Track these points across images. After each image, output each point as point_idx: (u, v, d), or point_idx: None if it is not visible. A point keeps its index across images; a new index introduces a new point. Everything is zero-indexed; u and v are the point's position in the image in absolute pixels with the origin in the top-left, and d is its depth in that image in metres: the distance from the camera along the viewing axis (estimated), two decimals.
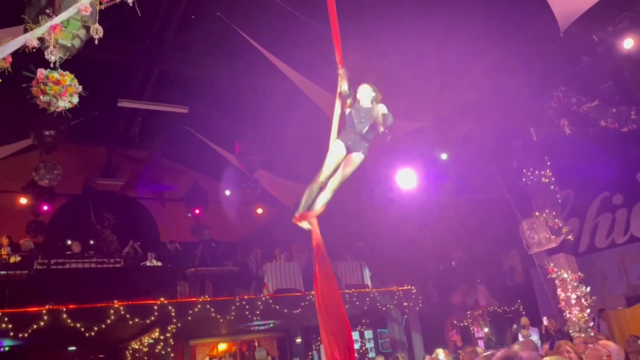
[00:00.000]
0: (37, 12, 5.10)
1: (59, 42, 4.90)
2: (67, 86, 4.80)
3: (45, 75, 4.73)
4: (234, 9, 9.02)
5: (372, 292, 12.10)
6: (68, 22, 4.89)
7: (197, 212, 15.60)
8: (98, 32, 4.43)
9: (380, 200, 12.43)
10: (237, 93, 11.57)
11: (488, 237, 13.66)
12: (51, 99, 4.78)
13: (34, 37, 4.29)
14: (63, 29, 4.71)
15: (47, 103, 4.79)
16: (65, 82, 4.82)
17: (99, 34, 4.45)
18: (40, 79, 4.74)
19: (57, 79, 4.80)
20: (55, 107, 4.83)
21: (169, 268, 11.50)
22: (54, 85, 4.76)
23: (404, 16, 8.86)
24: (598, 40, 8.51)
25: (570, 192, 12.69)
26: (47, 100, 4.77)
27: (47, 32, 4.37)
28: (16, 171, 12.83)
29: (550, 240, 10.13)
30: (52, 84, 4.76)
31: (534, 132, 10.69)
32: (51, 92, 4.74)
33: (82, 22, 5.01)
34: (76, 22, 5.01)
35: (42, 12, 4.92)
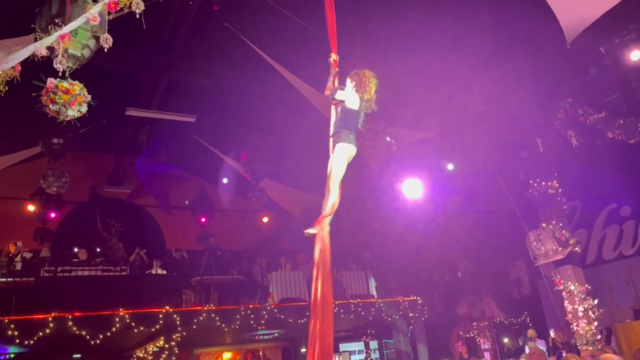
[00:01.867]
0: (47, 21, 5.18)
1: (69, 52, 4.97)
2: (76, 95, 4.86)
3: (55, 85, 4.78)
4: (241, 19, 9.09)
5: (378, 302, 12.04)
6: (77, 32, 4.95)
7: (203, 221, 15.63)
8: (108, 41, 4.49)
9: (387, 210, 12.42)
10: (244, 102, 11.62)
11: (494, 248, 13.59)
12: (60, 108, 4.83)
13: (43, 46, 4.35)
14: (72, 39, 4.77)
15: (56, 112, 4.84)
16: (75, 92, 4.87)
17: (109, 43, 4.50)
18: (50, 88, 4.79)
19: (67, 88, 4.85)
20: (65, 116, 4.88)
21: (175, 276, 11.51)
22: (64, 94, 4.81)
23: (411, 26, 8.89)
24: (605, 52, 8.51)
25: (577, 204, 12.63)
26: (56, 109, 4.82)
27: (57, 42, 4.42)
28: (24, 178, 12.90)
29: (557, 252, 10.07)
30: (61, 93, 4.81)
31: (540, 143, 10.66)
32: (60, 101, 4.79)
33: (92, 32, 5.08)
34: (86, 32, 5.08)
35: (52, 21, 4.99)
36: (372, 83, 4.61)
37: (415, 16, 8.76)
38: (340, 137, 4.47)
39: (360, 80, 4.63)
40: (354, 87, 4.64)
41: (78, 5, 5.15)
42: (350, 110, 4.55)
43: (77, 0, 5.17)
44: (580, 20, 7.40)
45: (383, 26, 8.93)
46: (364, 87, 4.58)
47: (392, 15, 8.81)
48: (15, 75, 4.37)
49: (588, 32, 7.67)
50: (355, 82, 4.65)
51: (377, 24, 8.80)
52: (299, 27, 8.66)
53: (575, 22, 7.41)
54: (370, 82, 4.60)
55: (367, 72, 4.67)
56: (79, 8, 5.15)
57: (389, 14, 8.77)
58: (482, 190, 11.93)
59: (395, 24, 8.94)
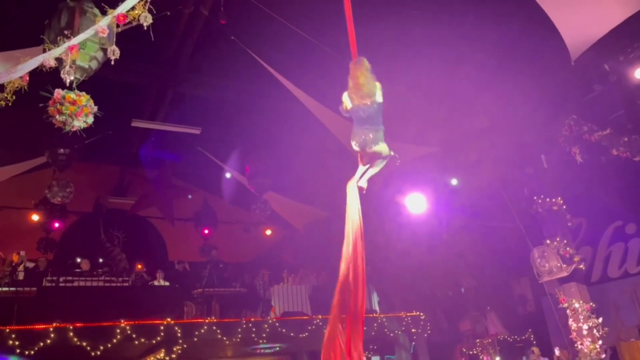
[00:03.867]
0: (56, 33, 5.26)
1: (77, 64, 5.04)
2: (82, 106, 4.92)
3: (62, 96, 4.85)
4: (247, 33, 9.18)
5: (380, 317, 11.96)
6: (85, 44, 5.03)
7: (205, 232, 15.63)
8: (115, 53, 4.54)
9: (391, 224, 12.39)
10: (249, 115, 11.69)
11: (498, 264, 13.51)
12: (67, 119, 4.89)
13: (52, 57, 4.41)
14: (81, 51, 4.84)
15: (62, 122, 4.90)
16: (81, 103, 4.93)
17: (116, 55, 4.56)
18: (57, 99, 4.85)
19: (74, 99, 4.91)
20: (71, 127, 4.94)
21: (177, 288, 11.48)
22: (70, 105, 4.87)
23: (415, 42, 8.95)
24: (610, 69, 8.53)
25: (582, 221, 12.56)
26: (62, 120, 4.88)
27: (65, 53, 4.49)
28: (29, 188, 12.97)
29: (561, 269, 9.99)
30: (68, 104, 4.87)
31: (544, 159, 10.65)
32: (67, 112, 4.85)
33: (100, 44, 5.15)
34: (94, 44, 5.16)
35: (61, 33, 5.07)
36: (360, 73, 4.46)
37: (419, 31, 8.82)
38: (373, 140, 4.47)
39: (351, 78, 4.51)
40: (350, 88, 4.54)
41: (87, 17, 5.23)
42: (356, 110, 4.47)
43: (86, 12, 5.25)
44: (584, 38, 7.44)
45: (387, 41, 8.98)
46: (355, 81, 4.45)
47: (396, 31, 8.87)
48: (24, 85, 4.43)
49: (592, 50, 7.70)
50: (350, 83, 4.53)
51: (381, 38, 8.85)
52: (304, 41, 8.74)
53: (579, 40, 7.45)
54: (358, 74, 4.46)
55: (351, 66, 4.54)
56: (87, 20, 5.24)
57: (393, 29, 8.83)
58: (486, 206, 11.89)
59: (399, 39, 9.00)
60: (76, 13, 5.28)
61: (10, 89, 4.36)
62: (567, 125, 9.58)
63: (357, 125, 4.48)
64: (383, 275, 13.19)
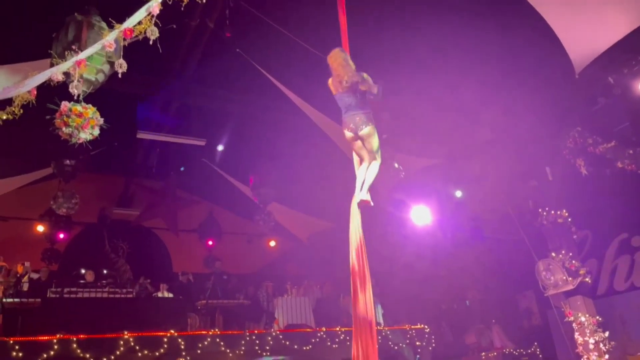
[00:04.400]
0: (63, 47, 5.32)
1: (84, 77, 5.08)
2: (89, 119, 4.95)
3: (68, 108, 4.88)
4: (252, 45, 9.25)
5: (385, 330, 11.89)
6: (92, 57, 5.08)
7: (209, 244, 15.63)
8: (122, 67, 4.58)
9: (395, 236, 12.36)
10: (254, 126, 11.74)
11: (504, 277, 13.43)
12: (73, 131, 4.92)
13: (60, 72, 4.45)
14: (88, 64, 4.88)
15: (69, 135, 4.94)
16: (88, 115, 4.97)
17: (123, 68, 4.60)
18: (64, 111, 4.89)
19: (80, 111, 4.95)
20: (77, 139, 4.97)
21: (180, 300, 11.45)
22: (77, 117, 4.91)
23: (419, 54, 8.99)
24: (614, 82, 8.54)
25: (588, 233, 12.49)
26: (69, 132, 4.92)
27: (72, 67, 4.53)
28: (34, 199, 13.02)
29: (567, 282, 9.93)
30: (74, 116, 4.91)
31: (549, 171, 10.63)
32: (74, 124, 4.89)
33: (107, 58, 5.21)
34: (100, 58, 5.21)
35: (69, 47, 5.12)
36: (336, 63, 4.85)
37: (424, 44, 8.87)
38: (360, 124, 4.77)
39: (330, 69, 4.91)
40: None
41: (94, 31, 5.29)
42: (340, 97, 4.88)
43: (93, 26, 5.31)
44: (588, 51, 7.47)
45: (391, 54, 9.04)
46: (334, 72, 4.86)
47: (401, 43, 8.92)
48: (31, 99, 4.47)
49: (597, 63, 7.72)
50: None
51: (385, 51, 8.91)
52: (308, 54, 8.79)
53: (583, 53, 7.47)
54: (335, 64, 4.86)
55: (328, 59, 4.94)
56: (94, 34, 5.30)
57: (397, 41, 8.89)
58: (491, 218, 11.86)
59: (403, 51, 9.05)
60: (84, 27, 5.34)
61: (18, 103, 4.40)
62: (571, 137, 9.57)
63: (346, 112, 4.85)
64: (387, 288, 13.13)
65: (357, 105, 4.79)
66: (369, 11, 7.97)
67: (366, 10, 7.80)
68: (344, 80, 4.77)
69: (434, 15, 8.40)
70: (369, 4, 7.58)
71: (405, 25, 8.50)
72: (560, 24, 7.11)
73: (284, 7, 8.10)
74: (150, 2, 4.47)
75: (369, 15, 8.11)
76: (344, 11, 5.23)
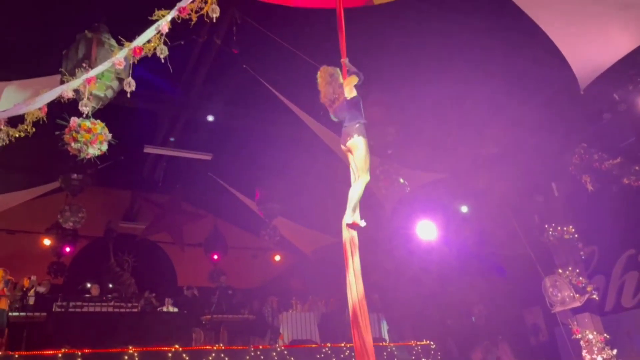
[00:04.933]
0: (73, 64, 5.41)
1: (93, 93, 5.16)
2: (97, 134, 5.02)
3: (77, 124, 4.95)
4: (259, 61, 9.35)
5: (390, 346, 11.79)
6: (102, 74, 5.16)
7: (215, 258, 15.64)
8: (131, 85, 4.65)
9: (401, 251, 12.33)
10: (260, 141, 11.81)
11: (510, 293, 13.33)
12: (82, 146, 4.99)
13: (70, 89, 4.52)
14: (97, 81, 4.96)
15: (77, 150, 5.00)
16: (96, 130, 5.04)
17: (132, 87, 4.66)
18: (73, 127, 4.96)
19: (89, 127, 5.02)
20: (85, 154, 5.03)
21: (185, 314, 11.43)
22: (86, 133, 4.98)
23: (425, 70, 9.05)
24: (619, 98, 8.56)
25: (594, 249, 12.40)
26: (77, 147, 4.98)
27: (82, 84, 4.61)
28: (41, 212, 13.10)
29: (574, 299, 9.85)
30: (83, 132, 4.98)
31: (555, 187, 10.61)
32: (82, 140, 4.96)
33: (116, 74, 5.29)
34: (110, 74, 5.29)
35: (79, 65, 5.21)
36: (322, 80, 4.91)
37: (429, 59, 8.94)
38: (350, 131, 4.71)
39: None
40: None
41: (104, 49, 5.38)
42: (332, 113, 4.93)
43: (103, 44, 5.40)
44: (593, 68, 7.50)
45: (397, 69, 9.11)
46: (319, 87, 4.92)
47: (406, 59, 8.99)
48: (42, 116, 4.54)
49: (602, 79, 7.75)
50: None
51: (391, 67, 8.98)
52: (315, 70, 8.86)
53: (588, 70, 7.51)
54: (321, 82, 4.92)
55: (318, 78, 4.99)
56: (104, 51, 5.39)
57: (403, 57, 8.96)
58: (497, 233, 11.81)
59: (409, 67, 9.11)
60: (94, 44, 5.44)
61: (29, 120, 4.47)
62: (577, 153, 9.58)
63: (343, 125, 4.78)
64: (393, 303, 13.07)
65: (349, 117, 4.71)
66: (375, 25, 8.06)
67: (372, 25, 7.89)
68: (325, 97, 4.81)
69: (439, 30, 8.47)
70: (374, 18, 7.67)
71: (411, 39, 8.56)
72: (564, 41, 7.16)
73: (291, 23, 8.20)
74: (159, 21, 4.55)
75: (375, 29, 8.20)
76: (342, 23, 5.26)
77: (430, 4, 7.80)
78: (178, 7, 4.65)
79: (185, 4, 4.67)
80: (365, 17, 7.26)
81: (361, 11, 6.93)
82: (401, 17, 8.07)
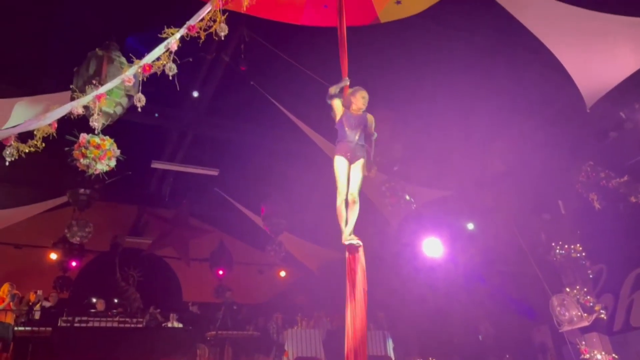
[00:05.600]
0: (84, 81, 5.49)
1: (102, 109, 5.23)
2: (106, 150, 5.07)
3: (87, 140, 5.01)
4: (266, 78, 9.45)
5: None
6: (111, 90, 5.23)
7: (220, 273, 15.60)
8: (141, 101, 4.70)
9: (407, 268, 12.26)
10: (266, 157, 11.87)
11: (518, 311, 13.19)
12: (90, 162, 5.04)
13: (80, 105, 4.59)
14: (107, 98, 5.03)
15: (86, 166, 5.05)
16: (105, 147, 5.09)
17: (142, 102, 4.72)
18: (82, 143, 5.02)
19: (98, 143, 5.08)
20: (94, 170, 5.08)
21: (190, 330, 11.38)
22: (95, 149, 5.03)
23: (431, 87, 9.11)
24: (625, 117, 8.57)
25: (602, 267, 12.28)
26: (86, 163, 5.03)
27: (92, 101, 4.67)
28: (48, 227, 13.14)
29: (582, 319, 9.74)
30: (92, 148, 5.04)
31: (562, 205, 10.56)
32: (91, 156, 5.01)
33: (125, 91, 5.36)
34: (119, 91, 5.36)
35: (89, 81, 5.29)
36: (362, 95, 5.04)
37: (436, 77, 8.99)
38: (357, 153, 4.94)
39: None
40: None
41: (114, 66, 5.46)
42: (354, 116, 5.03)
43: (113, 61, 5.49)
44: (599, 86, 7.51)
45: (403, 86, 9.16)
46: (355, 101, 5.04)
47: (412, 76, 9.05)
48: (52, 132, 4.60)
49: (608, 97, 7.76)
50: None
51: (397, 84, 9.04)
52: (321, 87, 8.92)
53: (594, 88, 7.52)
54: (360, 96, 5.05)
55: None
56: (114, 68, 5.47)
57: (408, 74, 9.02)
58: (504, 251, 11.74)
59: (415, 84, 9.17)
60: (104, 61, 5.53)
61: (39, 135, 4.54)
62: (584, 171, 9.55)
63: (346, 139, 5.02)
64: (399, 320, 12.97)
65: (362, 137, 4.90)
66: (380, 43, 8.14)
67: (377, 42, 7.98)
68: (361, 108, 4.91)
69: (445, 48, 8.54)
70: (380, 36, 7.74)
71: (417, 56, 8.63)
72: (570, 60, 7.19)
73: (298, 42, 8.30)
74: (169, 39, 4.63)
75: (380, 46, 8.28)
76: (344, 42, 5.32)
77: (435, 21, 7.87)
78: (187, 25, 4.73)
79: (195, 22, 4.75)
80: (371, 35, 7.34)
81: (367, 29, 7.02)
82: (407, 34, 8.14)
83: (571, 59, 7.28)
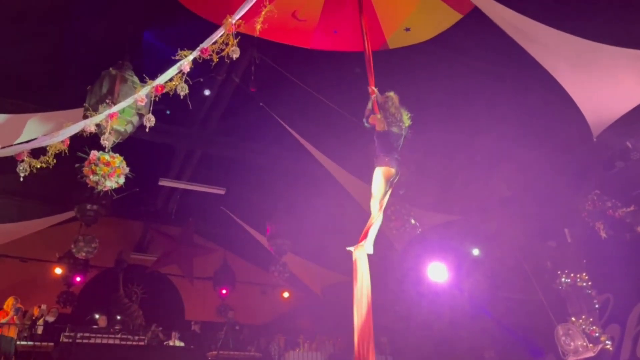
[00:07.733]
0: (97, 99, 5.60)
1: (113, 127, 5.32)
2: (115, 168, 5.14)
3: (97, 157, 5.09)
4: (275, 99, 9.56)
5: None
6: (123, 109, 5.33)
7: (223, 292, 15.55)
8: (151, 121, 4.79)
9: (411, 293, 12.18)
10: (273, 177, 11.93)
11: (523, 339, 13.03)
12: (100, 179, 5.11)
13: (92, 124, 4.68)
14: (119, 116, 5.13)
15: (95, 182, 5.12)
16: (115, 164, 5.16)
17: (151, 123, 4.80)
18: (93, 160, 5.09)
19: (108, 160, 5.15)
20: (103, 187, 5.14)
21: (192, 349, 11.31)
22: (104, 166, 5.10)
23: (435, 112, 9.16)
24: (632, 146, 8.57)
25: (609, 297, 12.15)
26: (96, 180, 5.10)
27: (105, 119, 4.77)
28: (53, 241, 13.20)
29: (587, 349, 9.61)
30: (102, 165, 5.11)
31: (568, 233, 10.51)
32: (101, 173, 5.07)
33: (137, 110, 5.45)
34: (131, 110, 5.46)
35: (102, 100, 5.40)
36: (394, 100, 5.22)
37: (441, 101, 9.06)
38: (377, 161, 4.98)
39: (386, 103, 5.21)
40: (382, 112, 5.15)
41: (127, 85, 5.57)
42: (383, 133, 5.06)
43: (126, 81, 5.60)
44: (605, 116, 7.55)
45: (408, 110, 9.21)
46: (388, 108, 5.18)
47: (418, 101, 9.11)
48: (64, 148, 4.68)
49: (614, 127, 7.78)
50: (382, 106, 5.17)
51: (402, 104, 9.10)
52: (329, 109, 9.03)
53: (600, 117, 7.55)
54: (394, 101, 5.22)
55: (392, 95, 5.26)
56: (127, 88, 5.58)
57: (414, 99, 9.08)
58: (509, 277, 11.66)
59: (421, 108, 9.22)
60: (117, 80, 5.64)
61: (52, 152, 4.62)
62: (590, 200, 9.53)
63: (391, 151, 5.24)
64: (402, 347, 12.83)
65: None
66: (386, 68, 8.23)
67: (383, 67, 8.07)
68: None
69: (451, 74, 8.63)
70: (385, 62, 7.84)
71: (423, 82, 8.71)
72: (577, 90, 7.24)
73: (308, 64, 8.42)
74: (181, 61, 4.73)
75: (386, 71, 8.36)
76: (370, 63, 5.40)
77: (442, 47, 7.97)
78: (200, 48, 4.84)
79: (207, 45, 4.86)
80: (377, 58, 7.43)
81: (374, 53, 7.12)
82: (413, 59, 8.25)
83: (578, 89, 7.32)
